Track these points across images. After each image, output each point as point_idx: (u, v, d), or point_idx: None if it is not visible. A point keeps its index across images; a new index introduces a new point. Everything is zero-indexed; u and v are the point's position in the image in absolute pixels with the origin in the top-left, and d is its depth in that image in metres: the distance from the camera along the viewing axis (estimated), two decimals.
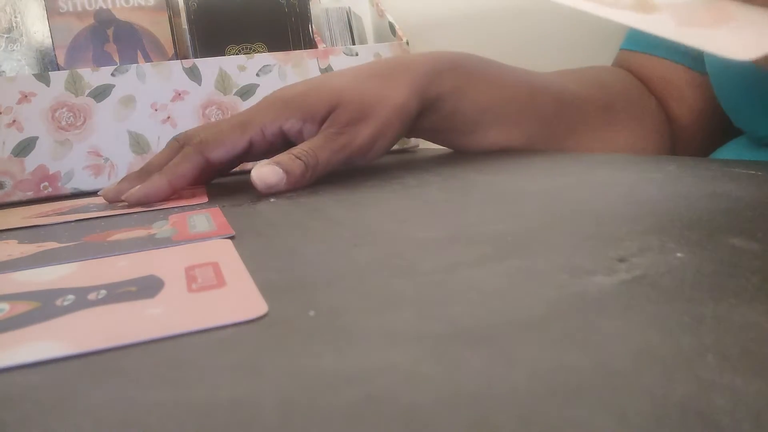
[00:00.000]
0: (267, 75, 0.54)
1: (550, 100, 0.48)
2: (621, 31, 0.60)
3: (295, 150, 0.39)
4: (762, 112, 0.43)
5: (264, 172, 0.37)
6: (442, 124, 0.46)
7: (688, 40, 0.23)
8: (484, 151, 0.48)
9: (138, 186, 0.39)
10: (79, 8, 0.52)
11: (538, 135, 0.48)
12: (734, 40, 0.24)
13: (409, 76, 0.43)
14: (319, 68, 0.55)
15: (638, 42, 0.57)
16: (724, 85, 0.46)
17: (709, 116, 0.54)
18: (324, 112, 0.41)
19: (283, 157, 0.38)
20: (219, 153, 0.40)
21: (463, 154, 0.50)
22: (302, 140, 0.41)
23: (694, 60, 0.53)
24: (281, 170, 0.37)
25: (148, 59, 0.54)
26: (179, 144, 0.41)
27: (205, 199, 0.38)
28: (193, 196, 0.41)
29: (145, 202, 0.38)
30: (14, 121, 0.48)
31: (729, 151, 0.50)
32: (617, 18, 0.26)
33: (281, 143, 0.42)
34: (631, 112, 0.52)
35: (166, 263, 0.23)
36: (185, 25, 0.55)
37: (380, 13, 0.63)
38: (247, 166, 0.51)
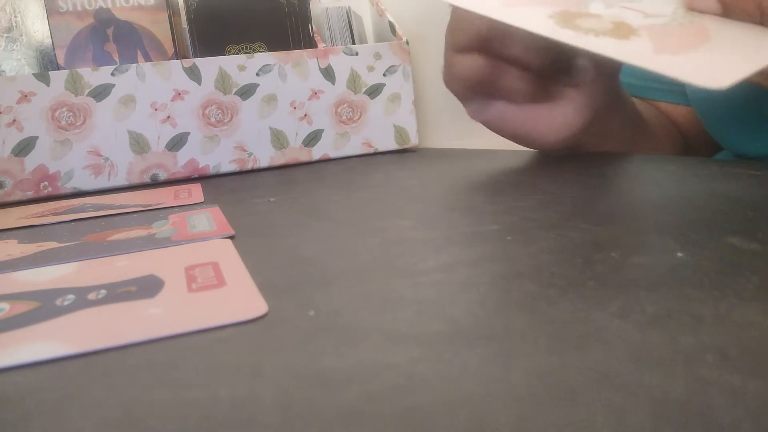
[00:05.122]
0: (267, 75, 0.54)
1: (637, 115, 0.47)
2: None
3: None
4: (745, 131, 0.43)
5: None
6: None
7: (663, 68, 0.23)
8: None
9: None
10: (79, 8, 0.52)
11: (620, 146, 0.46)
12: (706, 68, 0.24)
13: None
14: (319, 68, 0.55)
15: None
16: (707, 108, 0.46)
17: (693, 141, 0.54)
18: None
19: None
20: None
21: (462, 154, 0.50)
22: None
23: (667, 94, 0.53)
24: None
25: (148, 59, 0.54)
26: None
27: (201, 199, 0.38)
28: (190, 195, 0.41)
29: None
30: (14, 120, 0.48)
31: None
32: (595, 47, 0.25)
33: None
34: (664, 132, 0.52)
35: (166, 263, 0.23)
36: (185, 25, 0.54)
37: (380, 13, 0.63)
38: (246, 166, 0.51)
